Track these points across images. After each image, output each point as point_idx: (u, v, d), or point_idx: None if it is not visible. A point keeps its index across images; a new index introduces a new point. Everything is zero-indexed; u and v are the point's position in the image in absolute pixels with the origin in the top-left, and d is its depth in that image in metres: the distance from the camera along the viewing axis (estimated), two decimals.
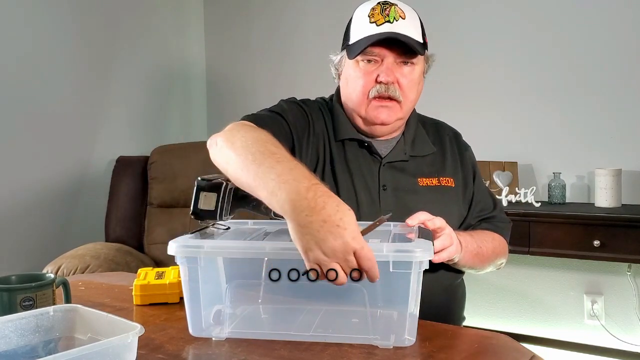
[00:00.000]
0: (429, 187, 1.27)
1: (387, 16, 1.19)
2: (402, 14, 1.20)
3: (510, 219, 1.41)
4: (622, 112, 2.43)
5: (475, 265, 1.25)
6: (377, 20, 1.20)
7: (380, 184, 1.25)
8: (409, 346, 0.89)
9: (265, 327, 0.98)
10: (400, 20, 1.19)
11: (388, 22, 1.19)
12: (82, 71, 2.75)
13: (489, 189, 1.43)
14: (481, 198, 1.36)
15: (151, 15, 3.11)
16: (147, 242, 2.66)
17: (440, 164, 1.32)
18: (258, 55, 3.28)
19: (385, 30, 1.18)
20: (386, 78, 1.20)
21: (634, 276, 2.39)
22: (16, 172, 2.47)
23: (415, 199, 1.25)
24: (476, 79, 2.70)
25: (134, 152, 2.93)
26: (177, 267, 1.02)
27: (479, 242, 1.24)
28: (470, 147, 1.40)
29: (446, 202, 1.28)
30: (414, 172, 1.28)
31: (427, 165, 1.30)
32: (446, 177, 1.30)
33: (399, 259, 0.85)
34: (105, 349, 0.71)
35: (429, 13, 2.95)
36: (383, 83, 1.20)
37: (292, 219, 0.83)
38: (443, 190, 1.28)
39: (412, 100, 1.26)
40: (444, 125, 1.41)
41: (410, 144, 1.30)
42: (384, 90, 1.21)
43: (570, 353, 2.48)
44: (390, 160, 1.28)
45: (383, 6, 1.21)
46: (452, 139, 1.37)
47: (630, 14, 2.40)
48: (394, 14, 1.19)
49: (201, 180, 1.02)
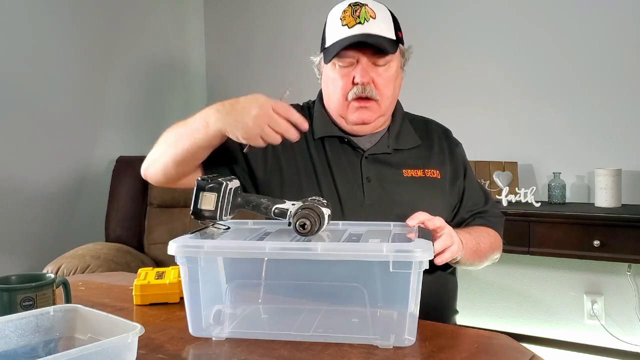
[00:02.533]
0: (413, 178, 1.28)
1: (357, 17, 1.22)
2: (373, 13, 1.23)
3: (502, 214, 1.42)
4: (622, 112, 2.43)
5: (474, 262, 1.26)
6: (349, 23, 1.22)
7: (364, 176, 1.27)
8: (409, 346, 0.89)
9: (265, 327, 0.98)
10: (371, 20, 1.22)
11: (359, 23, 1.21)
12: (82, 71, 2.75)
13: (481, 185, 1.45)
14: (473, 193, 1.37)
15: (151, 16, 3.11)
16: (147, 242, 2.66)
17: (426, 157, 1.33)
18: (258, 55, 3.28)
19: (357, 32, 1.21)
20: (361, 79, 1.22)
21: (634, 276, 2.39)
22: (16, 172, 2.47)
23: (400, 190, 1.26)
24: (476, 79, 2.70)
25: (134, 152, 2.93)
26: (177, 267, 1.02)
27: (477, 238, 1.25)
28: (460, 144, 1.42)
29: (431, 193, 1.28)
30: (398, 164, 1.29)
31: (412, 158, 1.32)
32: (432, 169, 1.31)
33: (399, 259, 0.85)
34: (105, 349, 0.71)
35: (428, 13, 2.96)
36: (359, 84, 1.22)
37: (216, 118, 1.10)
38: (428, 182, 1.29)
39: (390, 96, 1.28)
40: (433, 122, 1.43)
41: (395, 138, 1.32)
42: (361, 92, 1.23)
43: (570, 353, 2.48)
44: (373, 152, 1.29)
45: (354, 8, 1.23)
46: (440, 135, 1.39)
47: (631, 13, 2.40)
48: (364, 15, 1.22)
49: (201, 180, 1.02)
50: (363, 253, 0.87)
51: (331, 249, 0.88)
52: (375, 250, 0.86)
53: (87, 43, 2.77)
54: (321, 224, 0.96)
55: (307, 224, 0.94)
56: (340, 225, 1.10)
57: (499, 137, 2.65)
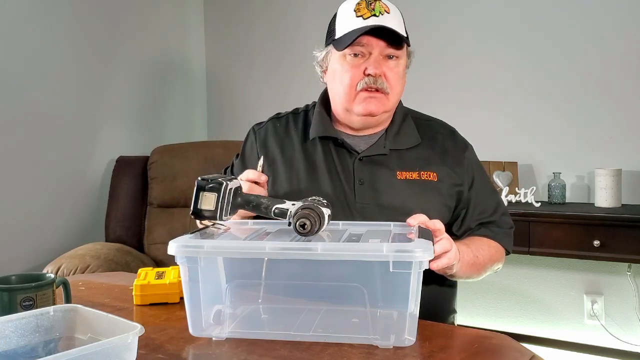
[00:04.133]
0: (407, 181, 1.26)
1: (372, 10, 1.23)
2: (387, 8, 1.24)
3: (513, 224, 1.37)
4: (622, 112, 2.43)
5: (472, 275, 1.25)
6: (364, 14, 1.22)
7: (356, 178, 1.26)
8: (409, 346, 0.89)
9: (265, 327, 0.98)
10: (386, 14, 1.23)
11: (374, 15, 1.22)
12: (82, 71, 2.75)
13: (493, 192, 1.39)
14: (481, 201, 1.33)
15: (151, 15, 3.11)
16: (147, 242, 2.66)
17: (425, 157, 1.30)
18: (258, 55, 3.28)
19: (372, 23, 1.21)
20: (374, 70, 1.22)
21: (634, 276, 2.39)
22: (16, 172, 2.47)
23: (392, 193, 1.25)
24: (476, 79, 2.70)
25: (134, 152, 2.93)
26: (177, 267, 1.02)
27: (475, 251, 1.23)
28: (470, 146, 1.37)
29: (425, 196, 1.26)
30: (392, 165, 1.28)
31: (408, 159, 1.29)
32: (428, 171, 1.28)
33: (399, 259, 0.85)
34: (105, 349, 0.71)
35: (429, 12, 2.96)
36: (371, 75, 1.22)
37: None
38: (423, 185, 1.27)
39: (398, 93, 1.28)
40: (438, 122, 1.40)
41: (392, 138, 1.30)
42: (372, 83, 1.23)
43: (570, 353, 2.48)
44: (367, 154, 1.28)
45: (368, 1, 1.24)
46: (446, 135, 1.35)
47: (631, 14, 2.40)
48: (379, 8, 1.23)
49: (201, 180, 1.02)
50: (363, 253, 0.87)
51: (331, 249, 0.88)
52: (375, 250, 0.86)
53: (88, 43, 2.77)
54: (321, 224, 0.96)
55: (307, 224, 0.94)
56: (340, 225, 1.10)
57: (499, 137, 2.65)
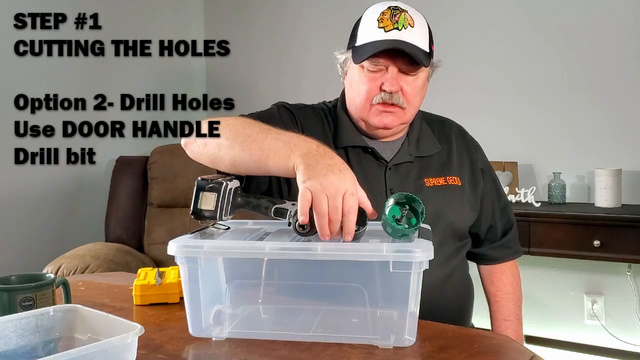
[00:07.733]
0: (435, 187, 1.27)
1: (396, 23, 1.18)
2: (412, 21, 1.19)
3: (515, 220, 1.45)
4: (622, 112, 2.43)
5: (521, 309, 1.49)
6: (386, 26, 1.18)
7: (388, 188, 1.25)
8: (409, 346, 0.89)
9: (265, 327, 0.98)
10: (409, 28, 1.18)
11: (396, 29, 1.17)
12: (82, 70, 2.75)
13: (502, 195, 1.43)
14: (488, 203, 1.37)
15: (151, 14, 3.11)
16: (147, 242, 2.66)
17: (446, 162, 1.31)
18: (259, 53, 3.28)
19: (393, 37, 1.17)
20: (390, 88, 1.19)
21: (634, 276, 2.39)
22: (16, 172, 2.47)
23: (423, 200, 1.24)
24: (476, 79, 2.70)
25: (134, 152, 2.92)
26: (177, 267, 1.02)
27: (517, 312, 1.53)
28: (480, 147, 1.40)
29: (454, 200, 1.28)
30: (419, 172, 1.28)
31: (433, 164, 1.30)
32: (452, 175, 1.30)
33: (399, 259, 0.85)
34: (105, 349, 0.71)
35: (428, 13, 2.95)
36: (387, 92, 1.20)
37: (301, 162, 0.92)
38: (450, 189, 1.28)
39: (416, 106, 1.26)
40: (449, 122, 1.41)
41: (415, 145, 1.30)
42: (387, 98, 1.20)
43: (570, 353, 2.48)
44: (395, 162, 1.27)
45: (394, 12, 1.20)
46: (458, 136, 1.37)
47: (630, 14, 2.40)
48: (403, 22, 1.18)
49: (201, 180, 1.02)
50: (363, 253, 0.87)
51: (331, 249, 0.88)
52: (375, 250, 0.86)
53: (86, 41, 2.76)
54: None
55: (307, 224, 0.94)
56: None
57: (499, 137, 2.64)
